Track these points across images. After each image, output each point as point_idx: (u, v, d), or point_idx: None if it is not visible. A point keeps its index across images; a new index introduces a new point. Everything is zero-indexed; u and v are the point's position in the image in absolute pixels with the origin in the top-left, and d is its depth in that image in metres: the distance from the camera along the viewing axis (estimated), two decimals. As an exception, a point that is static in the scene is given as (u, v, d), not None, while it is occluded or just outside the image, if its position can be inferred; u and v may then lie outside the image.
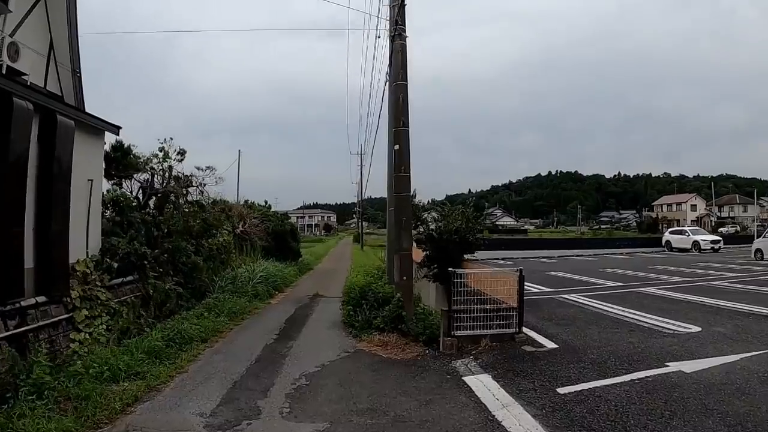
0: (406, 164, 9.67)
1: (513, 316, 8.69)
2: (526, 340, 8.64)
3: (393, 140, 10.21)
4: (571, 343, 8.51)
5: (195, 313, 11.19)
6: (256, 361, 8.09)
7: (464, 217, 11.89)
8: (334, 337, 9.83)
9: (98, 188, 12.00)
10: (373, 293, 10.48)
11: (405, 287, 9.59)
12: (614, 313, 11.29)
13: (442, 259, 12.10)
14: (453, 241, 11.51)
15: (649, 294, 14.39)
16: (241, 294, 14.17)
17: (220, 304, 12.33)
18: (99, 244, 11.62)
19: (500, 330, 8.57)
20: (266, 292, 15.71)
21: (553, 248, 39.78)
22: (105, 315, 10.46)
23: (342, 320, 11.22)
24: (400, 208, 9.61)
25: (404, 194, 9.61)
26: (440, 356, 8.06)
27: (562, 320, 10.55)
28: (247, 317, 12.27)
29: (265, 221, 25.66)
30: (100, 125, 12.00)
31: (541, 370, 7.07)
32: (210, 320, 10.71)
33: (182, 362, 7.92)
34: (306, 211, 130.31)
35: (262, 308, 13.75)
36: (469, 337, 8.38)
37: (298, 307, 13.87)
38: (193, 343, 9.02)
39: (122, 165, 14.53)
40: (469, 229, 11.85)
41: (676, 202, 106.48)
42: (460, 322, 8.35)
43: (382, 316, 9.58)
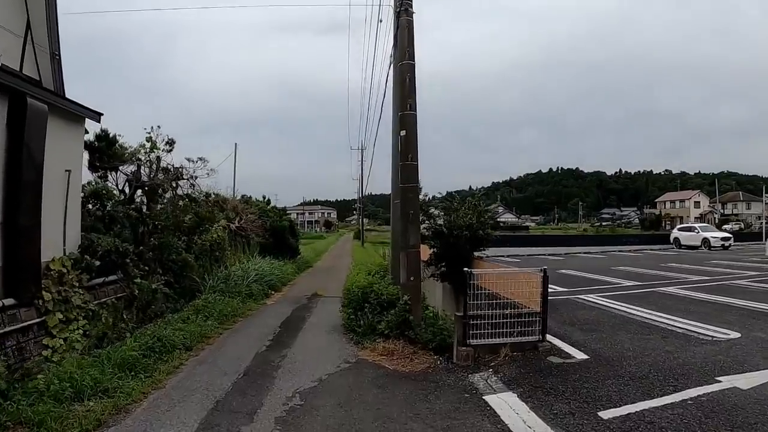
0: (413, 151, 8.66)
1: (536, 322, 7.69)
2: (551, 350, 7.65)
3: (398, 125, 9.22)
4: (602, 353, 7.52)
5: (181, 317, 10.19)
6: (245, 374, 7.08)
7: (475, 210, 10.92)
8: (333, 344, 8.83)
9: (77, 180, 11.01)
10: (376, 295, 9.47)
11: (412, 288, 8.60)
12: (640, 316, 10.33)
13: (451, 256, 11.11)
14: (463, 236, 10.54)
15: (670, 294, 13.43)
16: (234, 294, 13.18)
17: (210, 305, 11.34)
18: (78, 241, 10.65)
19: (521, 338, 7.57)
20: (262, 292, 14.72)
21: (558, 245, 38.84)
22: (82, 319, 9.50)
23: (342, 324, 10.23)
24: (406, 201, 8.61)
25: (411, 185, 8.61)
26: (454, 369, 7.05)
27: (586, 325, 9.57)
28: (239, 320, 11.28)
29: (262, 217, 24.61)
30: (78, 111, 11.01)
31: (574, 387, 6.07)
32: (197, 324, 9.73)
33: (160, 375, 6.93)
34: (306, 208, 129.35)
35: (256, 310, 12.76)
36: (486, 347, 7.38)
37: (295, 309, 12.87)
38: (176, 352, 8.03)
39: (107, 156, 13.54)
40: (480, 223, 10.90)
41: (679, 198, 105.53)
42: (476, 329, 7.35)
43: (386, 320, 8.58)
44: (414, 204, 8.62)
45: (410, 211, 8.47)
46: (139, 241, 13.17)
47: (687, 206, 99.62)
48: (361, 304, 9.63)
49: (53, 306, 8.96)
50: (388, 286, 9.58)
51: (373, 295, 9.47)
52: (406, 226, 8.56)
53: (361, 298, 9.78)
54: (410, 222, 8.54)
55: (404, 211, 8.58)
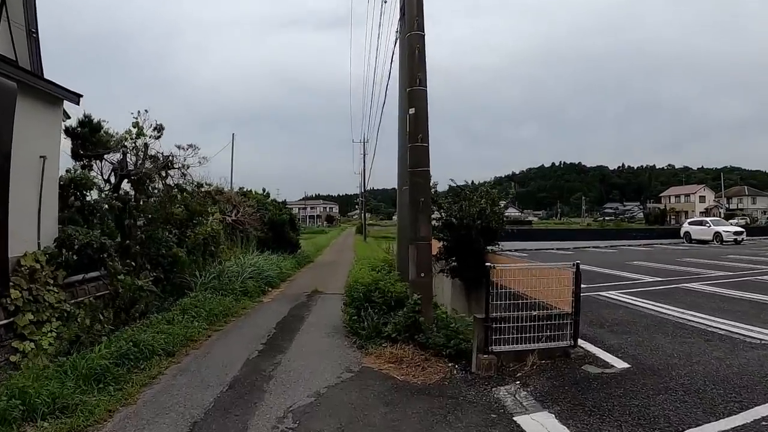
0: (423, 131, 7.66)
1: (566, 325, 6.69)
2: (584, 357, 6.65)
3: (406, 103, 8.22)
4: (644, 361, 6.52)
5: (166, 317, 9.21)
6: (230, 386, 6.08)
7: (489, 198, 9.96)
8: (333, 349, 7.83)
9: (53, 167, 10.05)
10: (381, 293, 8.47)
11: (423, 286, 7.60)
12: (673, 315, 9.34)
13: (462, 250, 10.14)
14: (476, 227, 9.59)
15: (697, 291, 12.44)
16: (227, 292, 12.20)
17: (200, 304, 10.35)
18: (55, 234, 9.71)
19: (551, 343, 6.58)
20: (258, 289, 13.73)
21: (565, 239, 37.80)
22: (55, 320, 8.56)
23: (344, 325, 9.24)
24: (416, 187, 7.60)
25: (422, 169, 7.60)
26: (475, 380, 6.06)
27: (616, 326, 8.57)
28: (231, 320, 10.30)
29: (261, 210, 23.61)
30: (55, 92, 10.04)
31: (621, 404, 5.07)
32: (183, 326, 8.75)
33: (132, 388, 5.95)
34: (308, 202, 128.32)
35: (251, 308, 11.77)
36: (511, 354, 6.38)
37: (292, 307, 11.88)
38: (154, 359, 7.06)
39: (90, 143, 12.55)
40: (494, 213, 9.95)
41: (684, 193, 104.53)
42: (499, 333, 6.35)
43: (393, 322, 7.60)
44: (425, 190, 7.61)
45: (420, 199, 7.46)
46: (125, 235, 12.23)
47: (692, 201, 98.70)
48: (364, 303, 8.62)
49: (23, 305, 8.06)
50: (395, 284, 8.58)
51: (378, 294, 8.47)
52: (416, 216, 7.56)
53: (364, 296, 8.77)
54: (420, 211, 7.53)
55: (414, 198, 7.58)
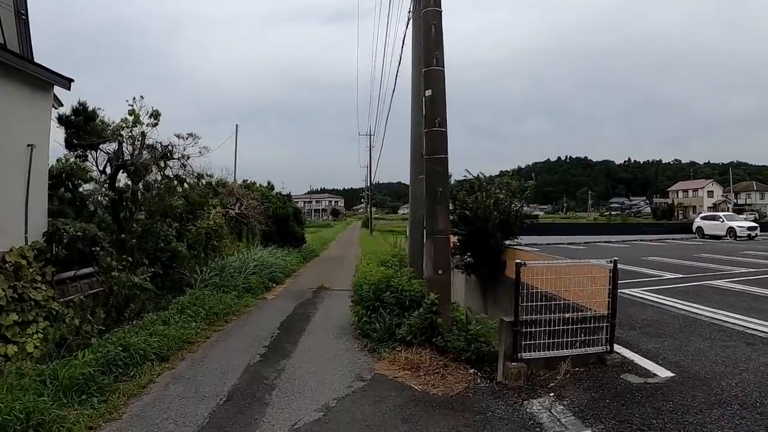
0: (441, 115, 6.98)
1: (602, 328, 6.02)
2: (622, 364, 5.97)
3: (420, 85, 7.57)
4: (688, 369, 5.83)
5: (162, 317, 8.59)
6: (228, 397, 5.45)
7: (508, 190, 9.30)
8: (342, 353, 7.19)
9: (43, 157, 9.45)
10: (394, 292, 7.79)
11: (440, 284, 6.94)
12: (705, 316, 8.64)
13: (478, 245, 9.49)
14: (493, 220, 8.93)
15: (725, 289, 11.71)
16: (229, 288, 11.58)
17: (199, 302, 9.73)
18: (44, 228, 9.11)
19: (585, 349, 5.91)
20: (261, 285, 13.12)
21: (574, 234, 36.99)
22: (42, 320, 7.98)
23: (353, 325, 8.61)
24: (433, 175, 6.93)
25: (440, 156, 6.93)
26: (502, 391, 5.40)
27: (649, 328, 7.88)
28: (232, 319, 9.68)
29: (265, 203, 22.98)
30: (44, 76, 9.44)
31: (674, 422, 4.40)
32: (179, 327, 8.13)
33: (119, 399, 5.34)
34: (313, 196, 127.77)
35: (254, 306, 11.15)
36: (541, 361, 5.72)
37: (298, 305, 11.26)
38: (146, 365, 6.44)
39: (85, 132, 11.93)
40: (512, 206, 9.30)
41: (692, 188, 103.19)
42: (529, 338, 5.68)
43: (408, 323, 6.94)
44: (442, 179, 6.94)
45: (438, 188, 6.78)
46: (121, 229, 11.64)
47: (700, 195, 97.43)
48: (375, 303, 7.95)
49: (7, 304, 7.48)
50: (411, 281, 7.90)
51: (390, 293, 7.79)
52: (433, 207, 6.89)
53: (375, 295, 8.09)
54: (438, 202, 6.86)
55: (431, 188, 6.91)
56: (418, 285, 7.71)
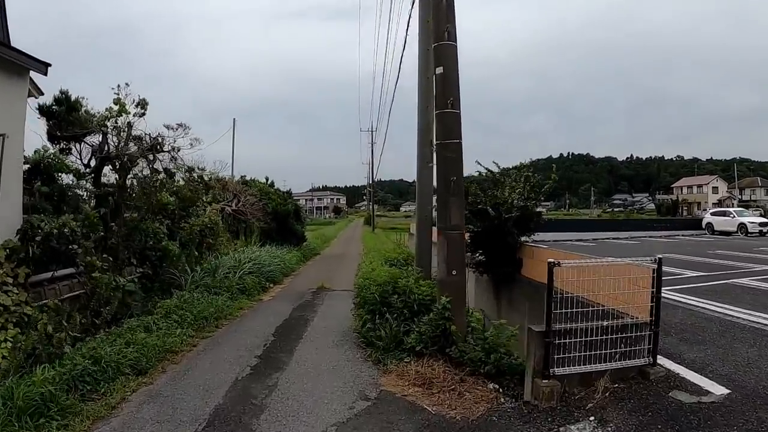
0: (454, 94, 6.16)
1: (643, 338, 5.21)
2: (667, 378, 5.14)
3: (431, 63, 6.76)
4: (744, 384, 4.99)
5: (144, 323, 7.79)
6: (209, 422, 4.62)
7: (527, 183, 8.50)
8: (344, 365, 6.37)
9: (17, 147, 8.65)
10: (401, 294, 6.97)
11: (454, 287, 6.13)
12: (743, 318, 7.80)
13: (492, 242, 8.67)
14: (512, 217, 8.13)
15: (753, 288, 10.88)
16: (221, 289, 10.77)
17: (187, 305, 8.93)
18: (18, 224, 8.31)
19: (625, 362, 5.08)
20: (257, 286, 12.31)
21: (581, 230, 36.08)
22: (12, 326, 7.18)
23: (355, 331, 7.82)
24: (446, 163, 6.11)
25: (453, 141, 6.11)
26: (533, 414, 4.57)
27: (686, 333, 7.05)
28: (224, 324, 8.88)
29: (264, 200, 22.17)
30: (18, 59, 8.62)
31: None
32: (161, 334, 7.33)
33: (82, 425, 4.55)
34: (315, 194, 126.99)
35: (248, 308, 10.36)
36: (577, 377, 4.89)
37: (295, 307, 10.46)
38: (119, 380, 5.64)
39: (68, 123, 11.11)
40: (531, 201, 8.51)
41: (696, 184, 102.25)
42: (562, 351, 4.86)
43: (417, 331, 6.14)
44: (456, 167, 6.11)
45: (452, 178, 5.96)
46: (107, 226, 10.83)
47: (705, 191, 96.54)
48: (380, 307, 7.12)
49: (-30, 309, 6.72)
50: (420, 284, 7.09)
51: (397, 296, 6.97)
52: (446, 200, 6.07)
53: (380, 298, 7.26)
54: (452, 193, 6.03)
55: (443, 178, 6.09)
56: (428, 287, 6.90)
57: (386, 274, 7.89)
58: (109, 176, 11.93)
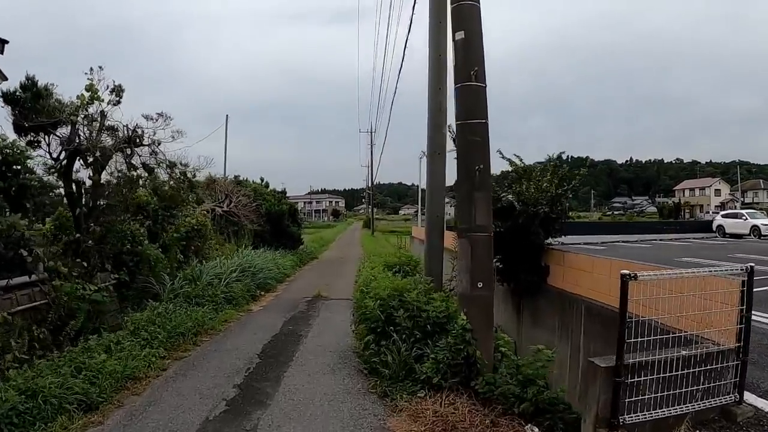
0: (478, 64, 4.99)
1: (728, 369, 4.03)
2: (757, 420, 3.94)
3: (445, 34, 5.61)
4: None
5: (108, 341, 6.59)
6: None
7: (555, 178, 7.34)
8: (341, 399, 5.15)
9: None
10: (409, 310, 5.75)
11: (480, 303, 4.95)
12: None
13: (515, 245, 7.48)
14: (541, 215, 6.97)
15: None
16: (205, 299, 9.57)
17: (161, 319, 7.72)
18: (-32, 225, 7.13)
19: (707, 401, 3.90)
20: (246, 294, 11.10)
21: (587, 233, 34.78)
22: (-52, 347, 6.03)
23: (355, 351, 6.63)
24: (470, 148, 4.93)
25: (477, 120, 4.93)
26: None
27: (752, 354, 5.87)
28: (203, 341, 7.67)
29: (258, 200, 20.92)
30: (-34, 35, 7.47)
31: None
32: (125, 355, 6.12)
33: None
34: (314, 197, 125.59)
35: (234, 321, 9.15)
36: (647, 425, 3.71)
37: (287, 320, 9.26)
38: (60, 419, 4.45)
39: (35, 112, 9.90)
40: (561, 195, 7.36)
41: (698, 186, 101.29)
42: (634, 392, 3.65)
43: (434, 358, 4.96)
44: (482, 153, 4.92)
45: (476, 166, 4.77)
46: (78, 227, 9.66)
47: (707, 194, 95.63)
48: (386, 326, 5.90)
49: None
50: (431, 296, 5.89)
51: (404, 311, 5.75)
52: (469, 194, 4.88)
53: (384, 315, 6.02)
54: (476, 186, 4.85)
55: (465, 167, 4.92)
56: (442, 301, 5.70)
57: (390, 285, 6.68)
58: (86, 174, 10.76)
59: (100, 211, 10.05)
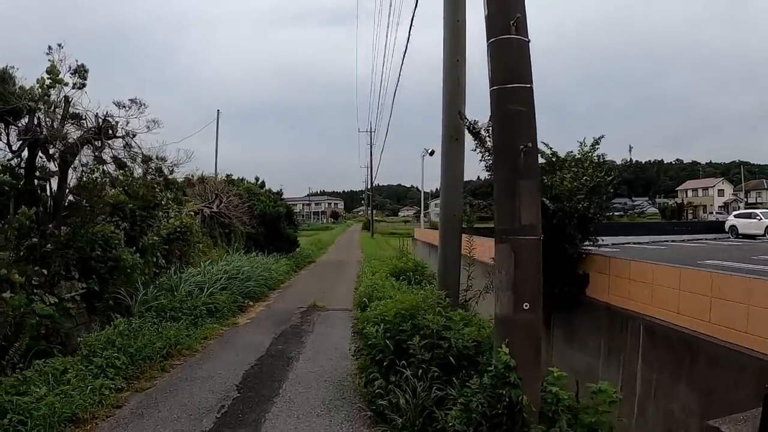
0: (519, 11, 3.74)
1: None
2: None
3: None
4: None
5: (49, 370, 5.33)
6: None
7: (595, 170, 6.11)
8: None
9: None
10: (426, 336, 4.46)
11: (524, 330, 3.71)
12: None
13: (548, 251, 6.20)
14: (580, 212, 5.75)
15: None
16: (183, 312, 8.32)
17: (125, 340, 6.44)
18: None
19: None
20: (232, 305, 9.85)
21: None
22: None
23: (356, 385, 5.37)
24: (511, 121, 3.68)
25: (521, 85, 3.68)
26: None
27: None
28: (174, 366, 6.42)
29: (252, 200, 19.64)
30: None
31: None
32: (67, 391, 4.86)
33: None
34: (312, 198, 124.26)
35: (215, 339, 7.90)
36: None
37: (277, 336, 8.01)
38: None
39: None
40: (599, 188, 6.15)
41: (702, 186, 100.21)
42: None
43: (462, 404, 3.70)
44: (527, 127, 3.65)
45: (522, 145, 3.50)
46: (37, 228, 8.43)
47: (710, 194, 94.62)
48: (397, 358, 4.59)
49: None
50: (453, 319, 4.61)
51: (420, 338, 4.45)
52: (511, 182, 3.62)
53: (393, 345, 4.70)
54: (521, 173, 3.57)
55: (504, 146, 3.67)
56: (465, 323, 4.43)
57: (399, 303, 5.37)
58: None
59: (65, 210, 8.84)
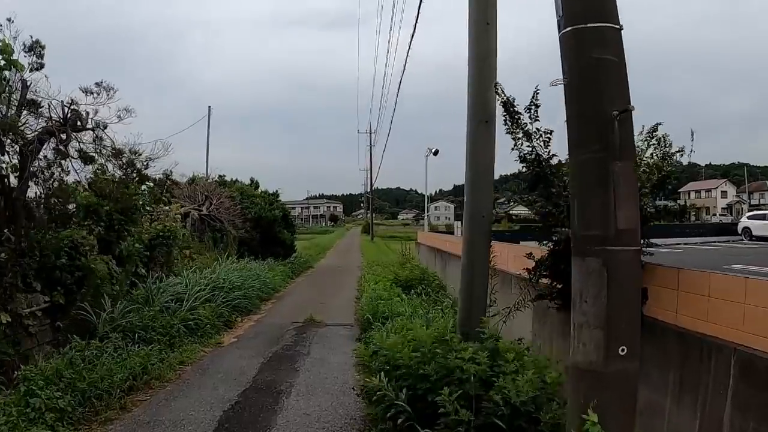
0: None
1: None
2: None
3: None
4: None
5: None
6: None
7: (662, 161, 4.90)
8: None
9: None
10: (459, 383, 3.21)
11: (619, 386, 2.48)
12: None
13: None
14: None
15: None
16: (156, 332, 7.11)
17: (74, 372, 5.21)
18: None
19: None
20: (216, 321, 8.62)
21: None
22: None
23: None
24: (596, 72, 2.48)
25: (605, 25, 2.48)
26: None
27: None
28: (138, 402, 5.20)
29: (245, 202, 18.43)
30: None
31: None
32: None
33: None
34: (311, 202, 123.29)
35: (191, 364, 6.67)
36: None
37: (265, 362, 6.77)
38: None
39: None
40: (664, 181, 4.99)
41: (704, 188, 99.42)
42: None
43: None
44: (620, 85, 2.46)
45: (614, 110, 2.31)
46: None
47: (713, 196, 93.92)
48: (412, 422, 3.30)
49: None
50: (505, 367, 3.35)
51: (453, 386, 3.17)
52: (601, 165, 2.41)
53: (407, 396, 3.39)
54: (614, 151, 2.36)
55: (587, 111, 2.47)
56: (519, 360, 3.23)
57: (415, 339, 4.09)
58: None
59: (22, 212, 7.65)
